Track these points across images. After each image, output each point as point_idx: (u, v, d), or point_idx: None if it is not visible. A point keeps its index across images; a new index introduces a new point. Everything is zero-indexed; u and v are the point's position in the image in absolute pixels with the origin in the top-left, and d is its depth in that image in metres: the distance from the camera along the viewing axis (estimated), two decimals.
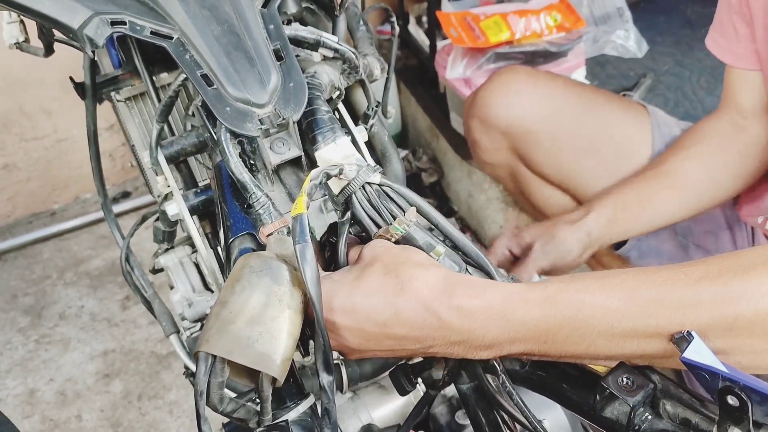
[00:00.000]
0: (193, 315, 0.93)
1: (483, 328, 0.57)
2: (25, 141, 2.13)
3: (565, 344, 0.56)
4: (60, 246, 2.19)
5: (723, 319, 0.52)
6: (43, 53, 0.91)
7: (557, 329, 0.55)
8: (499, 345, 0.58)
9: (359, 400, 0.88)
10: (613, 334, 0.54)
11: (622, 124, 1.29)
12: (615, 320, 0.54)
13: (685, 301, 0.53)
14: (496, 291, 0.58)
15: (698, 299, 0.53)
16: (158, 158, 0.83)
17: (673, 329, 0.52)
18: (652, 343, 0.54)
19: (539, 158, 1.33)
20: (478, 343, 0.58)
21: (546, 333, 0.56)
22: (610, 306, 0.54)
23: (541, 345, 0.57)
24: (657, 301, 0.53)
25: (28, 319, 1.98)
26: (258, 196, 0.67)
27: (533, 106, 1.28)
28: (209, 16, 0.73)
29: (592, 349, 0.56)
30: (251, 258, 0.59)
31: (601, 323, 0.54)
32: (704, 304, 0.52)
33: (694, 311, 0.52)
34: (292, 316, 0.57)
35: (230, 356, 0.54)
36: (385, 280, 0.59)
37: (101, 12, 0.71)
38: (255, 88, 0.69)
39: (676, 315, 0.53)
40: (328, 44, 0.79)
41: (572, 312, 0.55)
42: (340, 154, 0.71)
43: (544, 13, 1.70)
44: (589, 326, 0.55)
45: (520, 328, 0.56)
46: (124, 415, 1.72)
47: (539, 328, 0.56)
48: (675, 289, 0.54)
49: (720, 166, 1.14)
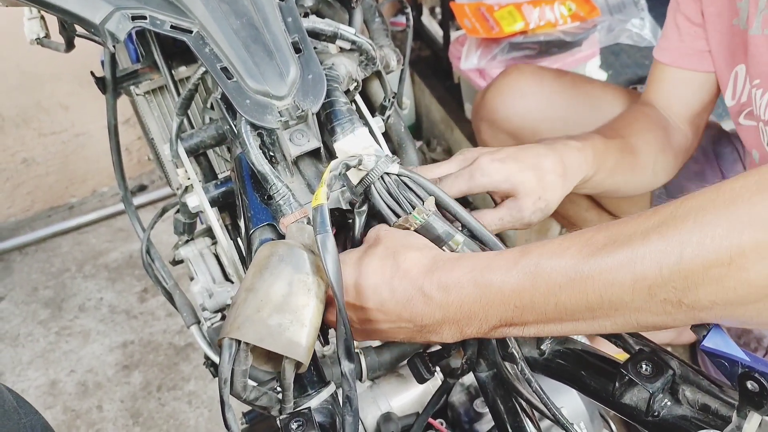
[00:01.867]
0: (214, 306, 0.94)
1: (458, 300, 0.58)
2: (44, 136, 2.15)
3: (534, 307, 0.55)
4: (78, 239, 2.22)
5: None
6: (64, 48, 0.92)
7: (521, 289, 0.55)
8: (476, 316, 0.58)
9: (378, 389, 0.89)
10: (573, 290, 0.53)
11: None
12: (570, 274, 0.52)
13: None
14: (468, 260, 0.59)
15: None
16: (178, 151, 0.84)
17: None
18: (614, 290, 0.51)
19: None
20: (458, 316, 0.58)
21: (513, 295, 0.55)
22: (564, 257, 0.53)
23: (514, 310, 0.56)
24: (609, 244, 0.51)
25: (48, 312, 2.00)
26: (278, 188, 0.68)
27: (539, 107, 1.28)
28: (228, 10, 0.74)
29: (561, 308, 0.54)
30: (276, 245, 0.60)
31: (559, 278, 0.53)
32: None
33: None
34: (318, 304, 0.58)
35: (261, 343, 0.55)
36: (383, 262, 0.62)
37: (122, 7, 0.72)
38: (274, 81, 0.70)
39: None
40: (346, 36, 0.79)
41: (532, 268, 0.55)
42: (359, 145, 0.72)
43: (558, 3, 1.70)
44: (550, 282, 0.53)
45: (490, 292, 0.57)
46: (144, 406, 1.75)
47: (505, 290, 0.56)
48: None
49: (660, 162, 1.13)
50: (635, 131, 1.08)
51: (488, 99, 1.32)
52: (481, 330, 0.59)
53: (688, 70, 1.12)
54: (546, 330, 0.57)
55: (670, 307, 0.49)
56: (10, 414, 0.60)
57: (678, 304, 0.48)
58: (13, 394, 0.64)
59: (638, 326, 0.52)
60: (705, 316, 0.49)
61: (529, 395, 0.69)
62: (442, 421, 0.88)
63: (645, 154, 1.08)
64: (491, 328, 0.59)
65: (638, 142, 1.07)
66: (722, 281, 0.46)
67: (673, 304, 0.48)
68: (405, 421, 0.87)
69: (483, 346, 0.71)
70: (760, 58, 0.96)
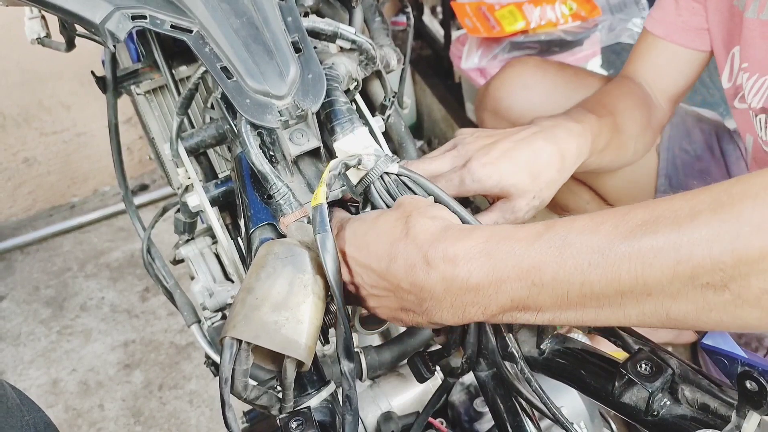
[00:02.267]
0: (214, 305, 0.94)
1: (466, 271, 0.52)
2: (45, 135, 2.16)
3: (556, 286, 0.50)
4: (80, 238, 2.22)
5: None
6: (64, 48, 0.93)
7: (544, 263, 0.50)
8: (484, 293, 0.52)
9: (378, 388, 0.89)
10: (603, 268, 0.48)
11: None
12: (604, 251, 0.48)
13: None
14: (483, 230, 0.54)
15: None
16: (179, 150, 0.84)
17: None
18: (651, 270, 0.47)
19: None
20: (463, 292, 0.53)
21: (533, 270, 0.50)
22: (597, 234, 0.49)
23: (530, 288, 0.51)
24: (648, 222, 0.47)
25: (50, 311, 2.01)
26: (278, 187, 0.68)
27: (542, 99, 1.28)
28: (228, 9, 0.74)
29: (587, 289, 0.49)
30: (275, 245, 0.60)
31: (590, 255, 0.49)
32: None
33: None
34: (316, 302, 0.58)
35: (257, 341, 0.55)
36: (395, 224, 0.58)
37: (122, 7, 0.72)
38: (274, 80, 0.70)
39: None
40: (346, 36, 0.79)
41: (558, 242, 0.50)
42: (359, 144, 0.72)
43: (559, 2, 1.70)
44: (579, 259, 0.49)
45: (505, 266, 0.51)
46: (145, 405, 1.75)
47: (524, 264, 0.51)
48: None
49: (641, 140, 1.13)
50: (622, 109, 1.07)
51: (492, 90, 1.33)
52: (487, 311, 0.54)
53: (681, 46, 1.12)
54: (562, 317, 0.52)
55: (711, 293, 0.45)
56: (14, 411, 0.60)
57: (722, 289, 0.44)
58: (16, 391, 0.65)
59: (667, 317, 0.48)
60: (745, 309, 0.45)
61: (529, 395, 0.69)
62: (442, 421, 0.88)
63: (629, 133, 1.07)
64: (499, 310, 0.53)
65: (624, 121, 1.06)
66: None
67: (716, 290, 0.44)
68: (405, 420, 0.87)
69: (483, 345, 0.71)
70: (751, 42, 0.96)
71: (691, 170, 1.26)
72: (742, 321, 0.45)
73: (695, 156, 1.26)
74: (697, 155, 1.26)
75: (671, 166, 1.27)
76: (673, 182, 1.27)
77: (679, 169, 1.27)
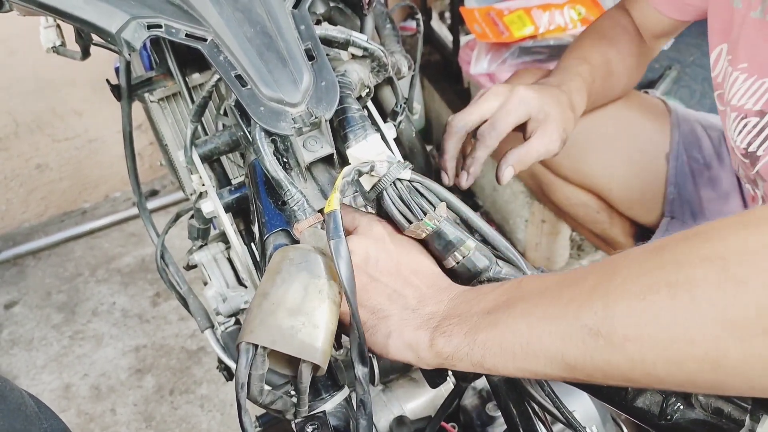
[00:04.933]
0: (228, 310, 0.95)
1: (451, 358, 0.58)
2: (57, 141, 2.17)
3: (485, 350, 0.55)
4: (91, 244, 2.24)
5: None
6: (80, 56, 0.94)
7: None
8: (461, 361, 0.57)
9: (391, 393, 0.89)
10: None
11: (641, 123, 1.29)
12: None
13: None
14: (463, 325, 0.59)
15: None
16: (193, 157, 0.85)
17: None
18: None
19: (559, 160, 1.33)
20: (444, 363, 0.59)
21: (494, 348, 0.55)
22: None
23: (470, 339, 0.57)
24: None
25: (62, 316, 2.02)
26: (292, 194, 0.69)
27: None
28: (242, 18, 0.75)
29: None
30: (290, 250, 0.61)
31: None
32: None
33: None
34: (332, 306, 0.59)
35: (273, 345, 0.56)
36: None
37: (138, 16, 0.73)
38: (288, 88, 0.71)
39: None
40: (358, 43, 0.80)
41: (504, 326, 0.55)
42: (371, 151, 0.72)
43: (567, 7, 1.70)
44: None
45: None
46: (157, 409, 1.76)
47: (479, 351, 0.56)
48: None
49: (634, 76, 1.23)
50: (616, 52, 1.17)
51: None
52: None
53: (662, 14, 1.16)
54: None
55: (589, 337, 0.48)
56: (32, 419, 0.61)
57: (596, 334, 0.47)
58: (33, 398, 0.66)
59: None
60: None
61: (541, 399, 0.69)
62: (454, 425, 0.88)
63: (620, 73, 1.18)
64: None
65: (618, 63, 1.17)
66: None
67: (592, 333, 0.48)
68: (417, 424, 0.88)
69: None
70: (752, 42, 0.96)
71: (701, 178, 1.26)
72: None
73: (704, 164, 1.26)
74: (706, 163, 1.26)
75: (680, 174, 1.27)
76: (682, 191, 1.27)
77: (688, 178, 1.27)
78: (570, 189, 1.40)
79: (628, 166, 1.30)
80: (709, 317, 0.42)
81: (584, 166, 1.33)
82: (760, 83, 0.96)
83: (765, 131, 0.98)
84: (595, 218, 1.44)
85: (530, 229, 1.87)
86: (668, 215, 1.30)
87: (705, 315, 0.42)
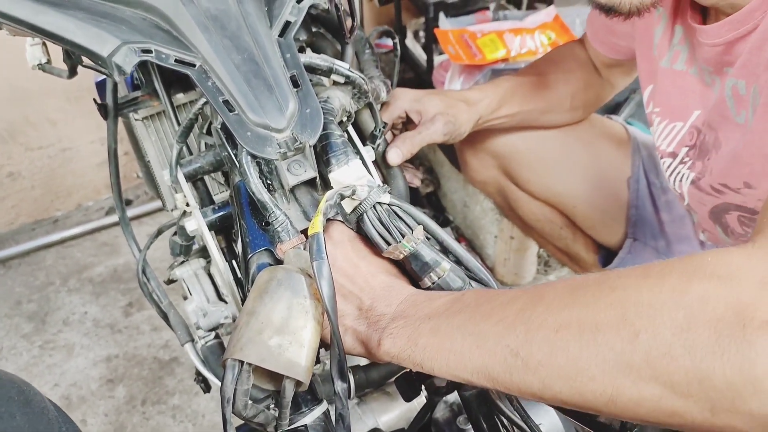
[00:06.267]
0: (208, 324, 0.97)
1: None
2: (30, 150, 2.17)
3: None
4: (63, 253, 2.23)
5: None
6: (66, 75, 0.96)
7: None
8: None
9: (366, 406, 0.93)
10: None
11: (603, 146, 1.36)
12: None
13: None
14: (405, 330, 0.64)
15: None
16: (178, 177, 0.87)
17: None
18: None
19: (526, 176, 1.40)
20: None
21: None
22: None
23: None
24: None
25: (32, 325, 2.01)
26: (277, 215, 0.72)
27: (519, 129, 1.34)
28: (230, 45, 0.78)
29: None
30: (278, 271, 0.64)
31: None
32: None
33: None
34: (315, 326, 0.62)
35: (262, 363, 0.59)
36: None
37: (129, 41, 0.76)
38: (274, 114, 0.74)
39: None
40: (340, 71, 0.84)
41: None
42: (353, 175, 0.76)
43: (538, 32, 1.76)
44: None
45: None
46: (128, 420, 1.76)
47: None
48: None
49: (580, 98, 1.31)
50: (555, 70, 1.28)
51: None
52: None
53: (600, 52, 1.25)
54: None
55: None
56: (53, 423, 0.63)
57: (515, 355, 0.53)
58: (53, 404, 0.68)
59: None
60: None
61: (510, 413, 0.73)
62: None
63: (562, 91, 1.28)
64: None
65: (557, 80, 1.27)
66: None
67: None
68: None
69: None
70: (663, 89, 1.04)
71: (659, 202, 1.32)
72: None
73: (661, 188, 1.32)
74: (663, 187, 1.32)
75: (641, 198, 1.33)
76: (643, 213, 1.34)
77: (648, 201, 1.33)
78: (535, 205, 1.45)
79: (592, 187, 1.36)
80: (608, 358, 0.47)
81: (549, 183, 1.39)
82: (671, 127, 1.04)
83: (675, 171, 1.06)
84: (559, 234, 1.49)
85: (499, 245, 1.92)
86: (631, 237, 1.37)
87: (605, 356, 0.48)
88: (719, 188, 0.97)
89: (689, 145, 1.02)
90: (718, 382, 0.43)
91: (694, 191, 1.03)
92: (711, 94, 0.95)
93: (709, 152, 0.97)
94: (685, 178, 1.05)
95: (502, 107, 1.25)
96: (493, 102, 1.23)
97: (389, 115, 1.15)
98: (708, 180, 0.99)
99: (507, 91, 1.25)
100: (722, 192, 0.97)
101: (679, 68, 0.99)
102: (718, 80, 0.92)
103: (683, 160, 1.04)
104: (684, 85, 0.99)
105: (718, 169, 0.96)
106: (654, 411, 0.46)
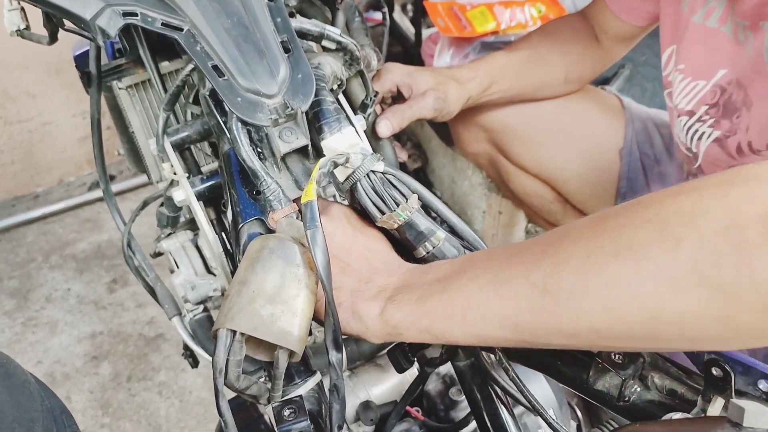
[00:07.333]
0: (196, 297, 0.96)
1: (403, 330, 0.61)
2: (9, 124, 2.12)
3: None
4: (44, 229, 2.19)
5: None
6: (47, 41, 0.93)
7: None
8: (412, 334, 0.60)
9: (357, 378, 0.92)
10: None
11: (596, 118, 1.35)
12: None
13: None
14: (412, 293, 0.61)
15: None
16: (165, 146, 0.85)
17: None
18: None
19: (517, 151, 1.39)
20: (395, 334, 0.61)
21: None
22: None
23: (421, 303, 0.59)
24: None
25: (14, 302, 1.98)
26: (268, 183, 0.70)
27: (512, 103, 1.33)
28: (219, 9, 0.75)
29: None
30: (270, 240, 0.62)
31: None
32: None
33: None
34: (308, 295, 0.61)
35: (254, 332, 0.57)
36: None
37: (113, 3, 0.73)
38: (265, 79, 0.72)
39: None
40: (332, 37, 0.81)
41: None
42: (346, 143, 0.74)
43: (528, 5, 1.74)
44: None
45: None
46: (114, 397, 1.75)
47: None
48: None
49: (576, 71, 1.30)
50: (550, 44, 1.27)
51: None
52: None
53: (618, 19, 1.21)
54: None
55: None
56: (35, 396, 0.62)
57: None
58: (34, 378, 0.66)
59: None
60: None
61: (504, 383, 0.72)
62: (418, 409, 0.91)
63: (557, 65, 1.27)
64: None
65: (551, 54, 1.26)
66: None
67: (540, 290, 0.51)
68: (383, 409, 0.91)
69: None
70: (690, 45, 1.02)
71: (651, 174, 1.32)
72: None
73: (654, 160, 1.32)
74: (656, 159, 1.32)
75: (633, 170, 1.33)
76: (634, 185, 1.33)
77: (640, 173, 1.32)
78: (526, 179, 1.44)
79: (583, 160, 1.35)
80: (649, 273, 0.45)
81: (541, 158, 1.38)
82: (693, 84, 1.03)
83: (692, 129, 1.05)
84: (549, 208, 1.49)
85: (487, 220, 1.92)
86: None
87: (646, 271, 0.46)
88: (761, 149, 0.95)
89: (710, 103, 1.01)
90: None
91: (715, 150, 1.02)
92: (743, 52, 0.94)
93: (738, 110, 0.96)
94: (705, 136, 1.03)
95: (494, 85, 1.24)
96: (484, 81, 1.22)
97: (380, 87, 1.14)
98: (740, 137, 0.97)
99: (499, 69, 1.24)
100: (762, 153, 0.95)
101: (711, 25, 0.99)
102: (752, 37, 0.92)
103: (701, 118, 1.03)
104: (713, 43, 0.98)
105: (756, 129, 0.94)
106: (700, 320, 0.44)
